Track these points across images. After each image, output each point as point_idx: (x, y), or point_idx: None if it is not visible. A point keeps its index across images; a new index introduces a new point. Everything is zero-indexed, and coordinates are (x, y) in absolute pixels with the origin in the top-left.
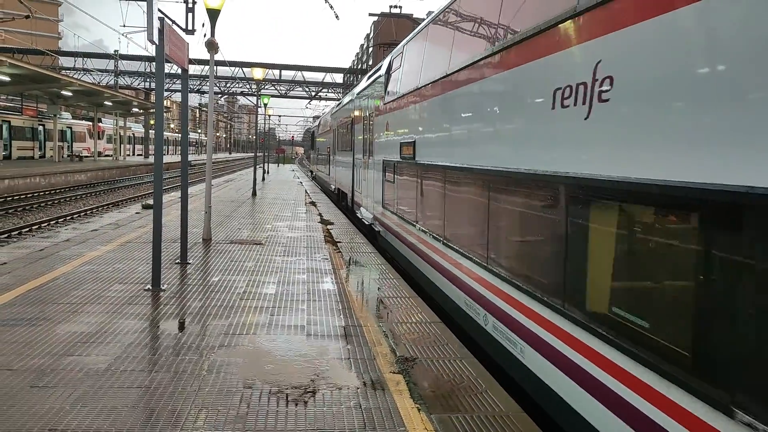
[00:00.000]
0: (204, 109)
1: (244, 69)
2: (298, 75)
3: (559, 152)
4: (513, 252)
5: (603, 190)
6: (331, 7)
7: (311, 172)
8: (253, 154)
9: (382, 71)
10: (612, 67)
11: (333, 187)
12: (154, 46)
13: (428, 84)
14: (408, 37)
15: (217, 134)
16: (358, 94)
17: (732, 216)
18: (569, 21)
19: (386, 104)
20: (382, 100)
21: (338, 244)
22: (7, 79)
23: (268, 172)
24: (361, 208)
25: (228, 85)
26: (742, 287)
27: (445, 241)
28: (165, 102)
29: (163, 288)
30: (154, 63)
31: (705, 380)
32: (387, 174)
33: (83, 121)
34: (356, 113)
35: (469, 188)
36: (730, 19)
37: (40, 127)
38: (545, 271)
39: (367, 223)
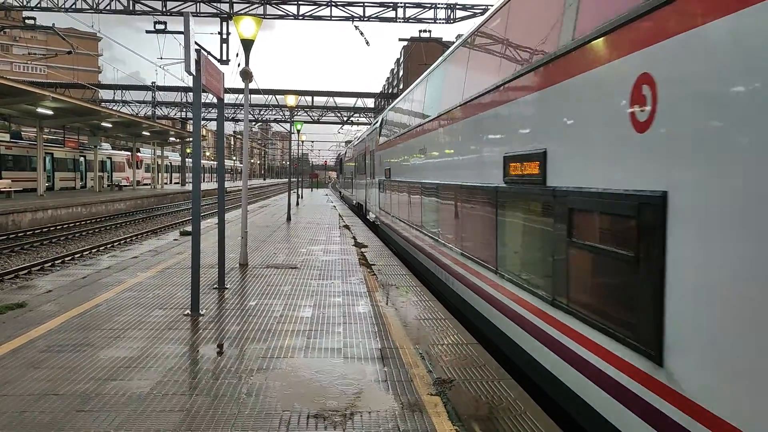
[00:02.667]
0: (238, 136)
1: (277, 96)
2: (330, 101)
3: (451, 172)
4: (447, 228)
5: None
6: (362, 33)
7: (339, 192)
8: (287, 179)
9: (377, 124)
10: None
11: (355, 201)
12: (191, 76)
13: (395, 136)
14: (387, 109)
15: (252, 161)
16: (367, 135)
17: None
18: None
19: (379, 145)
20: (376, 142)
21: (372, 266)
22: (50, 112)
23: (302, 197)
24: (369, 213)
25: (261, 112)
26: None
27: (409, 224)
28: (201, 131)
29: (201, 313)
30: (189, 93)
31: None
32: (379, 188)
33: (122, 151)
34: (365, 148)
35: (418, 193)
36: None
37: (81, 158)
38: (470, 240)
39: (371, 220)
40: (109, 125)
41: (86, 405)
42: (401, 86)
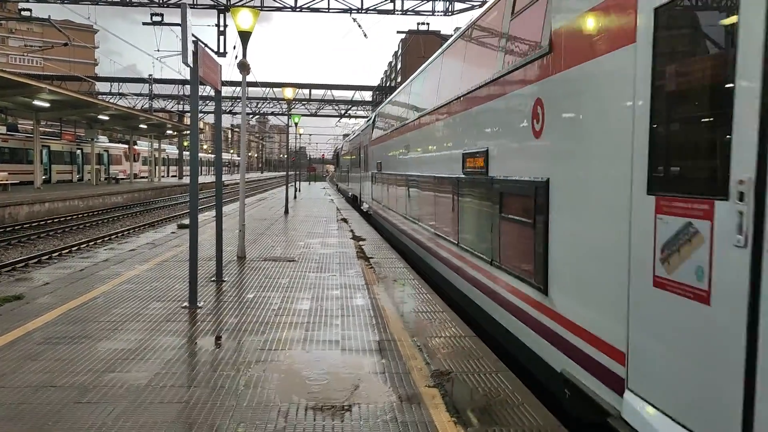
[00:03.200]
0: (236, 129)
1: (275, 89)
2: (328, 94)
3: (428, 166)
4: (425, 212)
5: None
6: (360, 25)
7: (336, 185)
8: (284, 173)
9: (371, 122)
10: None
11: (350, 194)
12: (189, 68)
13: (384, 134)
14: (379, 108)
15: (249, 154)
16: (362, 131)
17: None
18: (426, 115)
19: (371, 141)
20: (370, 138)
21: (371, 259)
22: (46, 105)
23: (299, 191)
24: (363, 203)
25: (259, 105)
26: (501, 217)
27: (395, 211)
28: (198, 123)
29: (199, 305)
30: (186, 86)
31: (492, 257)
32: (372, 180)
33: (119, 144)
34: (359, 144)
35: (403, 185)
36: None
37: (78, 151)
38: (440, 221)
39: (364, 210)
40: (106, 118)
41: (84, 397)
42: (399, 79)
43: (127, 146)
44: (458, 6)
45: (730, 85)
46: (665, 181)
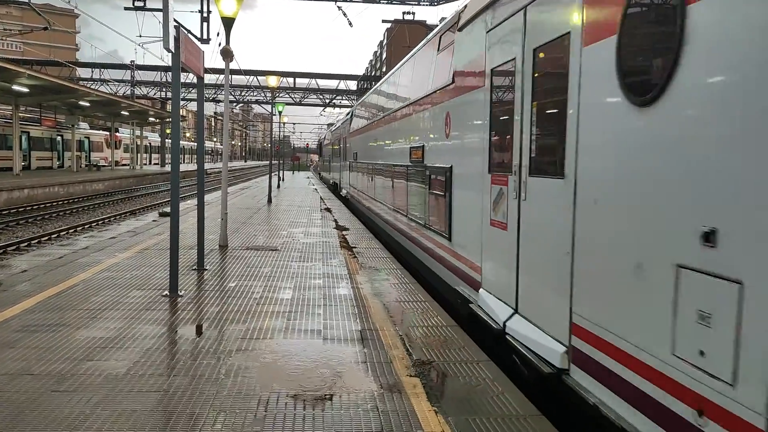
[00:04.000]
0: (219, 117)
1: (259, 77)
2: (312, 83)
3: (388, 157)
4: (385, 193)
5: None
6: (345, 14)
7: (320, 174)
8: (268, 162)
9: (349, 116)
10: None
11: (331, 181)
12: (170, 54)
13: (359, 128)
14: (354, 105)
15: (233, 142)
16: (341, 124)
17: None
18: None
19: (349, 134)
20: (348, 131)
21: (354, 249)
22: (26, 90)
23: (283, 180)
24: (342, 189)
25: (243, 93)
26: (435, 196)
27: (365, 194)
28: (180, 111)
29: (180, 294)
30: (169, 73)
31: (430, 227)
32: (349, 168)
33: (100, 131)
34: (340, 135)
35: (372, 172)
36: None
37: (59, 138)
38: (397, 200)
39: (343, 195)
40: (87, 104)
41: (61, 385)
42: (384, 69)
43: (108, 133)
44: None
45: (517, 117)
46: (493, 165)
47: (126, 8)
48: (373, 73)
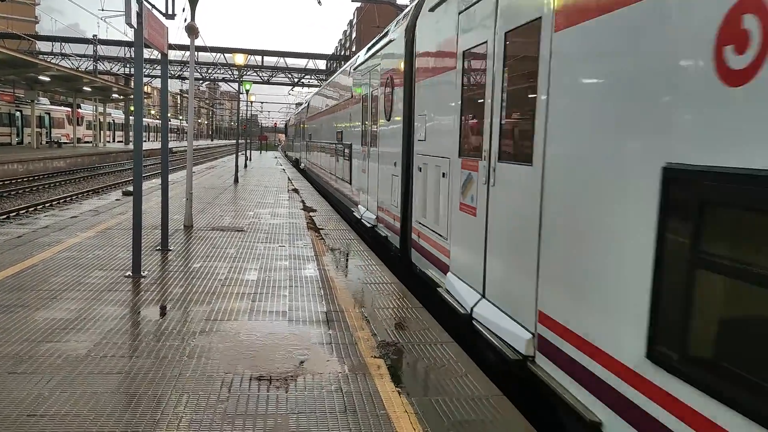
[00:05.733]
0: (185, 95)
1: (226, 55)
2: (281, 61)
3: (329, 137)
4: (329, 164)
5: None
6: None
7: (285, 153)
8: (235, 141)
9: (306, 104)
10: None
11: (294, 158)
12: (133, 29)
13: (311, 115)
14: (311, 94)
15: (199, 121)
16: (302, 109)
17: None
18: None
19: (307, 118)
20: (306, 115)
21: (321, 231)
22: None
23: (250, 159)
24: (301, 163)
25: (209, 71)
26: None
27: (316, 165)
28: (145, 88)
29: (143, 274)
30: (132, 48)
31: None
32: (306, 147)
33: (62, 107)
34: (299, 118)
35: (319, 149)
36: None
37: (18, 113)
38: (339, 170)
39: (301, 167)
40: (47, 79)
41: (18, 367)
42: (354, 48)
43: (70, 109)
44: None
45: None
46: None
47: None
48: (342, 53)
